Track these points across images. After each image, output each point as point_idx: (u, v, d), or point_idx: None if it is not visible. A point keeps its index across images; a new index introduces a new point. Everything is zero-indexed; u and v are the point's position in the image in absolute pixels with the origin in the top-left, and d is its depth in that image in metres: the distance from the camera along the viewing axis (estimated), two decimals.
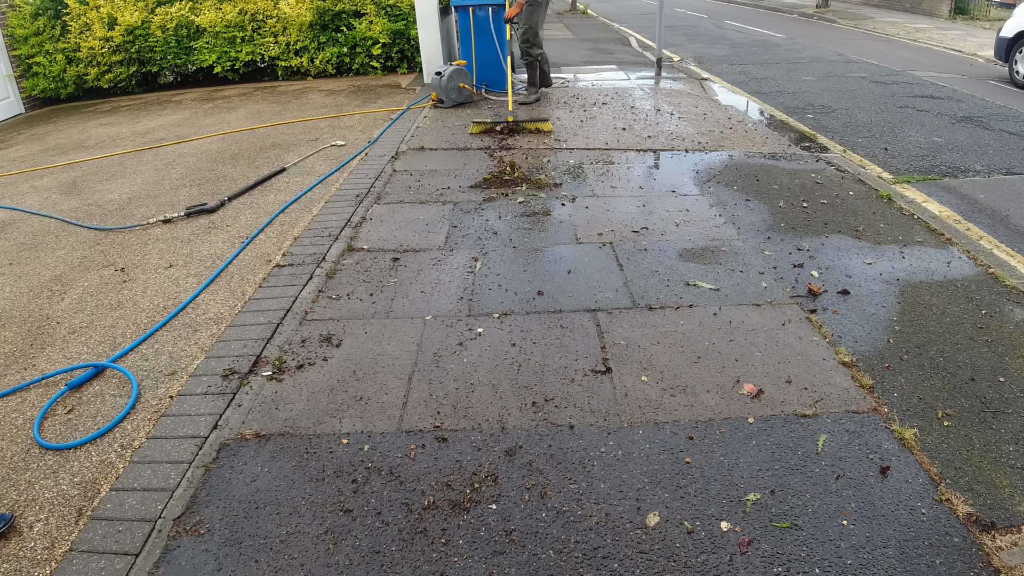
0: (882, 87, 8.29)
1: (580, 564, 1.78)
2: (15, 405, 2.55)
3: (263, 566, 1.81)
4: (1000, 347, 2.69)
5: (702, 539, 1.85)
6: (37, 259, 3.84)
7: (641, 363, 2.61)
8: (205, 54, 8.56)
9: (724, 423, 2.28)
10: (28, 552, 1.90)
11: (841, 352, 2.65)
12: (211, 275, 3.47)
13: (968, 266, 3.39)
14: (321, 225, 4.04)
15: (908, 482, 2.02)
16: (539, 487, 2.04)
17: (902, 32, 14.20)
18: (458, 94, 6.86)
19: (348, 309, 3.08)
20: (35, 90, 8.43)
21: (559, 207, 4.19)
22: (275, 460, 2.18)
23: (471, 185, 4.62)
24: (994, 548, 1.81)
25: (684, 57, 10.48)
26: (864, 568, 1.75)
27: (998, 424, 2.27)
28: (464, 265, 3.46)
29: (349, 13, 8.58)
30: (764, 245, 3.62)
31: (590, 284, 3.23)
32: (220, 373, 2.63)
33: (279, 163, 5.30)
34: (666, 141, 5.53)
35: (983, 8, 16.96)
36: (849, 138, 6.05)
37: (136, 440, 2.32)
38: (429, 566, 1.79)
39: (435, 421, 2.33)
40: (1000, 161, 5.37)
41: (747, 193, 4.37)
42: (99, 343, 2.93)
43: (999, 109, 7.13)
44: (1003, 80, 9.11)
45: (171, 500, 2.03)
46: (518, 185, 4.54)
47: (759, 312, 2.96)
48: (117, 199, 4.73)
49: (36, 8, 8.31)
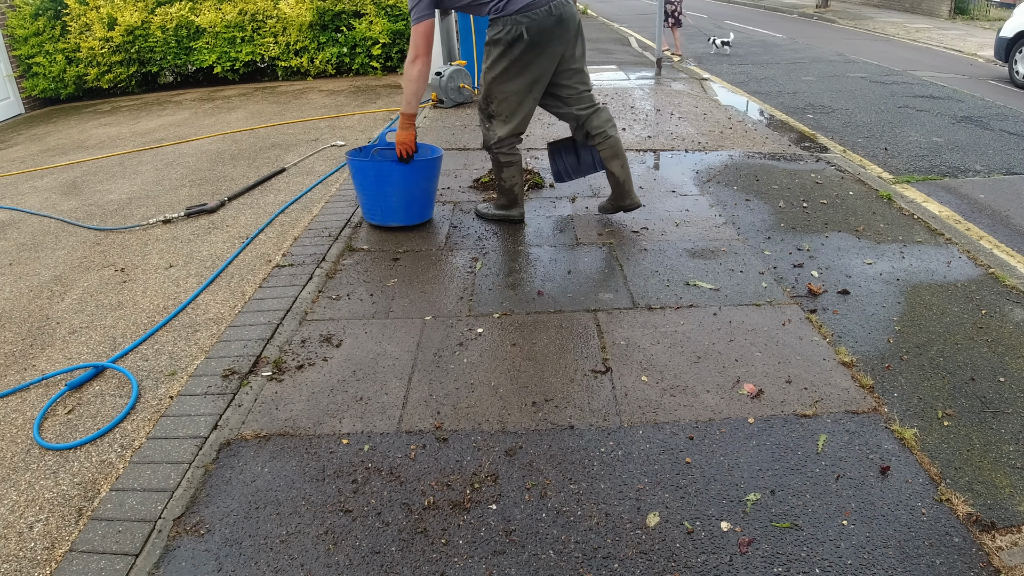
0: (882, 87, 8.29)
1: (580, 564, 1.78)
2: (15, 405, 2.55)
3: (263, 566, 1.81)
4: (1000, 347, 2.69)
5: (702, 539, 1.85)
6: (37, 259, 3.84)
7: (641, 363, 2.61)
8: (205, 54, 8.56)
9: (724, 423, 2.28)
10: (28, 552, 1.90)
11: (841, 352, 2.65)
12: (211, 275, 3.47)
13: (968, 266, 3.39)
14: (321, 225, 4.04)
15: (908, 482, 2.02)
16: (539, 487, 2.04)
17: (902, 32, 14.20)
18: (458, 94, 6.87)
19: (348, 309, 3.08)
20: (35, 90, 8.43)
21: (559, 207, 4.19)
22: (275, 460, 2.18)
23: (471, 185, 4.62)
24: (994, 548, 1.80)
25: (684, 57, 10.48)
26: (864, 568, 1.75)
27: (998, 424, 2.27)
28: (464, 265, 3.46)
29: (349, 13, 8.58)
30: (764, 245, 3.62)
31: (590, 284, 3.23)
32: (220, 373, 2.63)
33: (279, 163, 5.30)
34: (666, 141, 5.53)
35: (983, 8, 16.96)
36: (849, 138, 6.05)
37: (136, 440, 2.32)
38: (429, 566, 1.79)
39: (435, 421, 2.33)
40: (1000, 161, 5.37)
41: (747, 193, 4.37)
42: (99, 343, 2.93)
43: (999, 109, 7.13)
44: (1003, 80, 9.11)
45: (171, 500, 2.03)
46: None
47: (759, 312, 2.96)
48: (117, 199, 4.73)
49: (36, 8, 8.31)
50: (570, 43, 3.37)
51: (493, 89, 3.42)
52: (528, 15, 3.18)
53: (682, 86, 7.93)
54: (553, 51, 3.32)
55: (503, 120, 3.49)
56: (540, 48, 3.27)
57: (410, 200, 3.79)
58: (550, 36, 3.25)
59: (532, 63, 3.31)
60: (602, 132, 3.60)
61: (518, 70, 3.32)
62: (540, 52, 3.29)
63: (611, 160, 3.66)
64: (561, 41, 3.31)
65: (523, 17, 3.18)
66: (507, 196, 3.83)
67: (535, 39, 3.22)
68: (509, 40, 3.23)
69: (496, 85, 3.40)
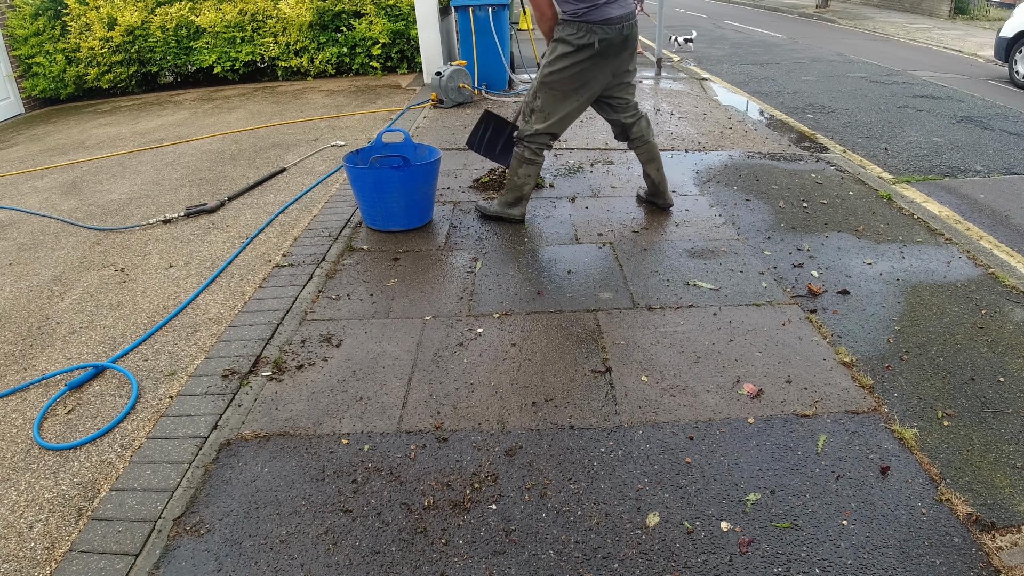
0: (882, 87, 8.29)
1: (580, 564, 1.78)
2: (15, 405, 2.55)
3: (263, 566, 1.81)
4: (1000, 347, 2.69)
5: (702, 539, 1.85)
6: (37, 259, 3.84)
7: (641, 363, 2.61)
8: (205, 54, 8.56)
9: (724, 423, 2.28)
10: (28, 552, 1.90)
11: (841, 352, 2.65)
12: (211, 275, 3.47)
13: (968, 266, 3.39)
14: (321, 225, 4.04)
15: (908, 482, 2.02)
16: (539, 487, 2.04)
17: (902, 32, 14.20)
18: (458, 94, 6.86)
19: (348, 309, 3.08)
20: (35, 90, 8.43)
21: (559, 207, 4.19)
22: (275, 460, 2.18)
23: (471, 185, 4.62)
24: (994, 548, 1.81)
25: (684, 57, 10.48)
26: (864, 568, 1.75)
27: (998, 424, 2.27)
28: (464, 265, 3.46)
29: (349, 13, 8.58)
30: (764, 245, 3.62)
31: (590, 284, 3.23)
32: (220, 373, 2.63)
33: (279, 163, 5.30)
34: (666, 141, 5.53)
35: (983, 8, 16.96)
36: (849, 138, 6.05)
37: (136, 440, 2.32)
38: (429, 566, 1.79)
39: (435, 421, 2.33)
40: (1000, 161, 5.37)
41: (747, 193, 4.37)
42: (99, 343, 2.93)
43: (999, 109, 7.13)
44: (1003, 80, 9.11)
45: (171, 500, 2.03)
46: None
47: (759, 312, 2.96)
48: (117, 199, 4.73)
49: (36, 8, 8.31)
50: (626, 60, 3.58)
51: (546, 83, 3.53)
52: (604, 28, 3.33)
53: (682, 86, 7.93)
54: (612, 65, 3.51)
55: (543, 116, 3.62)
56: (603, 60, 3.44)
57: (411, 204, 3.80)
58: (615, 52, 3.44)
59: (590, 72, 3.47)
60: (641, 137, 3.87)
61: (575, 74, 3.46)
62: (601, 64, 3.45)
63: (648, 163, 3.96)
64: (621, 59, 3.52)
65: (599, 28, 3.32)
66: (515, 193, 3.87)
67: (603, 51, 3.39)
68: (579, 45, 3.36)
69: (550, 81, 3.51)
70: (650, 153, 3.92)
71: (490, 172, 4.76)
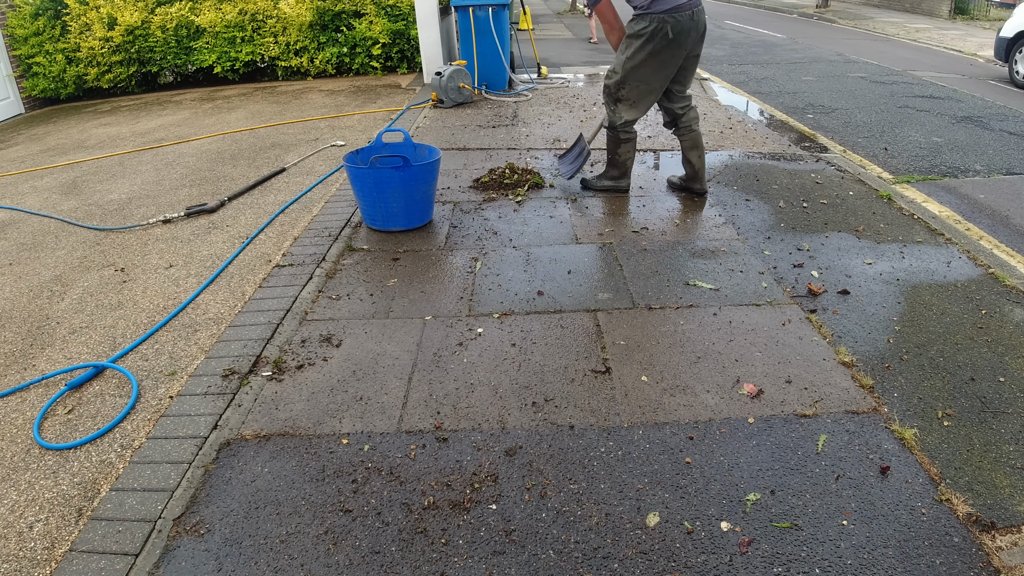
0: (882, 87, 8.29)
1: (580, 564, 1.78)
2: (15, 405, 2.55)
3: (263, 566, 1.81)
4: (1000, 347, 2.69)
5: (702, 539, 1.85)
6: (37, 259, 3.84)
7: (641, 363, 2.61)
8: (205, 54, 8.56)
9: (724, 423, 2.28)
10: (28, 552, 1.90)
11: (841, 352, 2.65)
12: (211, 275, 3.47)
13: (968, 266, 3.39)
14: (321, 225, 4.04)
15: (908, 482, 2.02)
16: (539, 487, 2.04)
17: (902, 32, 14.20)
18: (458, 94, 6.87)
19: (348, 309, 3.08)
20: (35, 90, 8.43)
21: (559, 207, 4.19)
22: (275, 460, 2.18)
23: (471, 185, 4.62)
24: (994, 548, 1.81)
25: None
26: (864, 568, 1.75)
27: (998, 424, 2.27)
28: (464, 265, 3.46)
29: (349, 13, 8.58)
30: (764, 245, 3.62)
31: (590, 284, 3.23)
32: (220, 373, 2.63)
33: (279, 163, 5.30)
34: (666, 141, 5.53)
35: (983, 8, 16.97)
36: (849, 138, 6.05)
37: (136, 440, 2.32)
38: (429, 566, 1.79)
39: (435, 421, 2.33)
40: (1000, 161, 5.37)
41: (747, 193, 4.37)
42: (99, 343, 2.93)
43: (999, 109, 7.13)
44: (1003, 80, 9.11)
45: (171, 500, 2.03)
46: (518, 186, 4.53)
47: (759, 312, 2.96)
48: (117, 199, 4.73)
49: (36, 8, 8.31)
50: (696, 45, 3.82)
51: (628, 77, 3.84)
52: (674, 15, 3.61)
53: None
54: (685, 50, 3.77)
55: (630, 104, 3.96)
56: (676, 46, 3.70)
57: (411, 204, 3.81)
58: (687, 37, 3.69)
59: (666, 58, 3.75)
60: (688, 126, 4.13)
61: (653, 62, 3.76)
62: (675, 50, 3.72)
63: (691, 150, 4.18)
64: (692, 43, 3.77)
65: (669, 17, 3.61)
66: (619, 168, 4.33)
67: (676, 38, 3.65)
68: (652, 35, 3.65)
69: (632, 73, 3.82)
70: (694, 141, 4.13)
71: (490, 172, 4.76)
